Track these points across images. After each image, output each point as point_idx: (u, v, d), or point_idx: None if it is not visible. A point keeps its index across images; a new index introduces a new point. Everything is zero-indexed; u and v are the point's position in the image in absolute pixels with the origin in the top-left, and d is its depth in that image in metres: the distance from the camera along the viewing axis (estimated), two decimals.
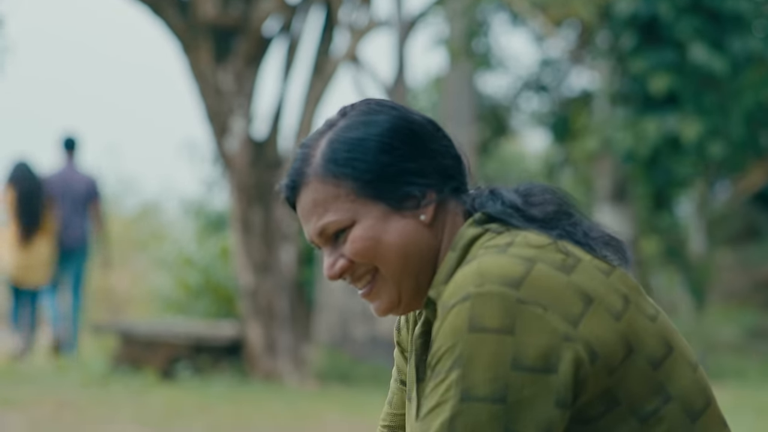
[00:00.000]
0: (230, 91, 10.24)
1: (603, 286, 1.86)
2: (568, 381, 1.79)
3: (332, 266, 1.99)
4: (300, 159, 2.00)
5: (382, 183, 1.95)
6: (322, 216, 1.97)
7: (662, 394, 1.86)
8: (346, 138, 1.96)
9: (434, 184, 1.97)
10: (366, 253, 1.95)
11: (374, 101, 2.03)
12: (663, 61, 11.74)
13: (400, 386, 2.17)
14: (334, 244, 1.99)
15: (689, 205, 14.97)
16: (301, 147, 2.01)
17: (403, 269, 1.96)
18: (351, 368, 11.12)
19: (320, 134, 2.00)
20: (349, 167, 1.94)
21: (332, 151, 1.96)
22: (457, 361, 1.79)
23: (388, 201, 1.95)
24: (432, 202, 1.97)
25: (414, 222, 1.96)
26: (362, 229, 1.95)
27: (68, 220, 11.21)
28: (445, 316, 1.83)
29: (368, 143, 1.95)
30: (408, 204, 1.96)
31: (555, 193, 2.01)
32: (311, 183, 1.97)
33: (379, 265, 1.96)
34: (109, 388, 9.69)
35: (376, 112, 1.99)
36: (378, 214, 1.95)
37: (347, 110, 2.01)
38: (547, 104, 15.23)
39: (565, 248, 1.89)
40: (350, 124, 1.98)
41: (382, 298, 1.99)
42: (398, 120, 1.98)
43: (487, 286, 1.80)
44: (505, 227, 1.94)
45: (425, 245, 1.97)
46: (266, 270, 10.34)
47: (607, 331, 1.83)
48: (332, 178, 1.95)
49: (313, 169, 1.97)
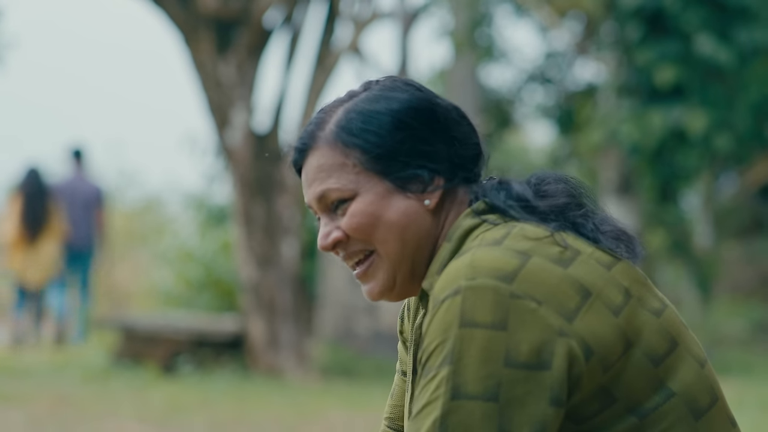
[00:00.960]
0: (232, 83, 10.18)
1: (602, 280, 1.81)
2: (562, 378, 1.74)
3: (326, 236, 1.96)
4: (314, 123, 1.97)
5: (391, 160, 1.91)
6: (324, 181, 1.93)
7: (663, 390, 1.81)
8: (364, 109, 1.93)
9: (445, 170, 1.93)
10: (363, 229, 1.91)
11: (401, 79, 2.00)
12: (669, 53, 11.67)
13: (402, 377, 2.13)
14: (331, 215, 1.96)
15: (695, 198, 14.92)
16: (319, 112, 1.99)
17: (400, 251, 1.92)
18: (354, 363, 11.07)
19: (340, 102, 1.98)
20: (360, 138, 1.91)
21: (347, 120, 1.93)
22: (447, 358, 1.74)
23: (393, 179, 1.92)
24: (439, 189, 1.93)
25: (417, 205, 1.92)
26: (363, 204, 1.91)
27: (75, 224, 12.15)
28: (436, 311, 1.78)
29: (384, 117, 1.92)
30: (414, 186, 1.92)
31: (568, 183, 1.96)
32: (320, 148, 1.94)
33: (375, 243, 1.92)
34: (110, 384, 9.64)
35: (400, 90, 1.95)
36: (381, 190, 1.92)
37: (371, 84, 1.99)
38: (552, 97, 15.16)
39: (563, 240, 1.84)
40: (371, 97, 1.95)
41: (376, 280, 1.95)
42: (421, 100, 1.94)
43: (479, 280, 1.76)
44: (502, 219, 1.89)
45: (425, 231, 1.93)
46: (268, 264, 10.29)
47: (605, 327, 1.78)
48: (342, 147, 1.92)
49: (324, 134, 1.94)
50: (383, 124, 1.92)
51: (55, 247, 11.92)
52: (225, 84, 10.19)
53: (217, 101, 10.20)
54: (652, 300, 1.87)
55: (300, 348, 10.29)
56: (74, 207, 12.15)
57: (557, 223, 1.88)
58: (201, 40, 10.18)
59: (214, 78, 10.18)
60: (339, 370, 10.65)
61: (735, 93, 11.93)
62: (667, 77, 11.55)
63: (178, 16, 10.17)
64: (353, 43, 10.95)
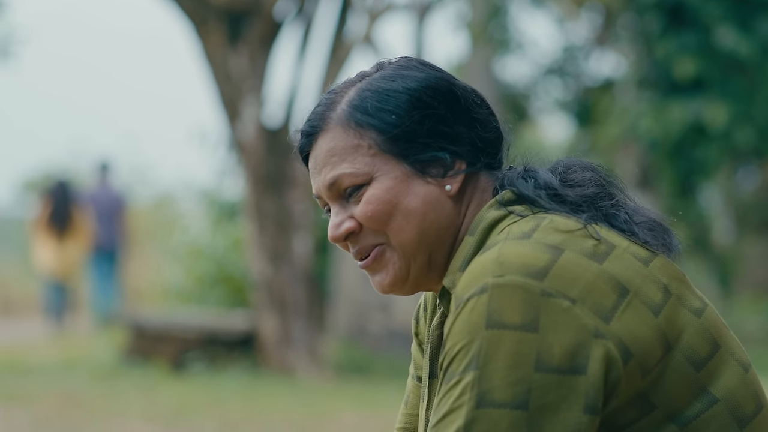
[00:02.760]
0: (243, 75, 10.13)
1: (640, 276, 1.70)
2: (598, 383, 1.63)
3: (338, 227, 1.83)
4: (324, 104, 1.84)
5: (409, 141, 1.79)
6: (336, 166, 1.81)
7: (705, 397, 1.70)
8: (379, 87, 1.82)
9: (466, 154, 1.82)
10: (380, 218, 1.79)
11: (416, 59, 1.88)
12: (689, 45, 11.57)
13: (417, 384, 2.02)
14: (343, 204, 1.83)
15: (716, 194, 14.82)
16: (328, 93, 1.86)
17: (418, 241, 1.80)
18: (368, 361, 10.99)
19: (351, 83, 1.86)
20: (376, 118, 1.79)
21: (361, 99, 1.81)
22: (472, 362, 1.63)
23: (412, 162, 1.79)
24: (461, 173, 1.82)
25: (438, 191, 1.80)
26: (380, 189, 1.79)
27: (102, 228, 14.08)
28: (460, 311, 1.67)
29: (402, 96, 1.80)
30: (434, 170, 1.80)
31: (597, 170, 1.86)
32: (331, 130, 1.82)
33: (391, 233, 1.80)
34: (118, 382, 9.58)
35: (416, 69, 1.84)
36: (399, 174, 1.79)
37: (384, 64, 1.88)
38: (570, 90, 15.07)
39: (597, 233, 1.73)
40: (386, 76, 1.83)
41: (387, 271, 1.83)
42: (439, 80, 1.83)
43: (507, 277, 1.65)
44: (530, 209, 1.78)
45: (446, 219, 1.81)
46: (281, 260, 10.22)
47: (644, 327, 1.67)
48: (355, 127, 1.80)
49: (336, 114, 1.82)
50: (400, 102, 1.79)
51: (80, 248, 13.78)
52: (236, 76, 10.14)
53: (228, 94, 10.18)
54: (692, 298, 1.76)
55: (312, 346, 10.21)
56: (101, 214, 14.03)
57: (589, 214, 1.77)
58: (212, 32, 10.13)
59: (225, 70, 10.15)
60: (352, 369, 10.58)
61: (756, 86, 11.83)
62: (687, 70, 11.46)
63: (190, 7, 10.11)
64: (367, 35, 10.89)
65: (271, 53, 10.28)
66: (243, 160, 10.30)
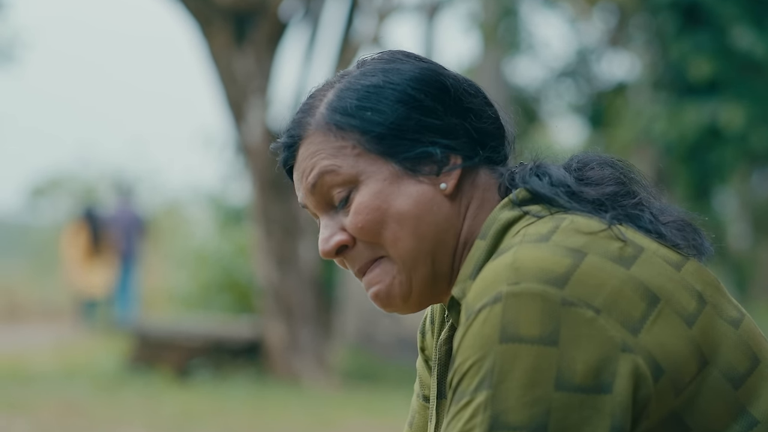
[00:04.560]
0: (249, 76, 10.10)
1: (671, 283, 1.56)
2: (625, 402, 1.49)
3: (327, 240, 1.70)
4: (303, 110, 1.72)
5: (395, 138, 1.66)
6: (317, 164, 1.68)
7: (744, 418, 1.57)
8: (359, 85, 1.69)
9: (461, 148, 1.68)
10: (372, 227, 1.66)
11: (400, 51, 1.76)
12: (704, 46, 11.49)
13: (422, 403, 1.89)
14: (332, 215, 1.70)
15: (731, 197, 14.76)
16: (307, 97, 1.74)
17: (415, 249, 1.66)
18: (376, 369, 10.95)
19: (330, 84, 1.73)
20: (357, 118, 1.66)
21: (339, 99, 1.68)
22: (485, 380, 1.50)
23: (400, 160, 1.66)
24: (456, 168, 1.67)
25: (432, 190, 1.67)
26: (367, 196, 1.66)
27: (123, 244, 15.94)
28: (471, 322, 1.53)
29: (384, 91, 1.67)
30: (425, 167, 1.66)
31: (616, 166, 1.70)
32: (311, 136, 1.68)
33: (386, 243, 1.66)
34: (121, 390, 9.53)
35: (399, 61, 1.72)
36: (387, 175, 1.66)
37: (365, 60, 1.75)
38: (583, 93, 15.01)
39: (622, 234, 1.59)
40: (366, 72, 1.71)
41: (387, 287, 1.69)
42: (425, 71, 1.70)
43: (524, 284, 1.51)
44: (548, 209, 1.64)
45: (444, 221, 1.67)
46: (287, 266, 10.21)
47: (676, 340, 1.53)
48: (336, 130, 1.67)
49: (315, 120, 1.69)
50: (383, 98, 1.67)
51: (108, 267, 15.74)
52: (242, 77, 10.16)
53: (234, 95, 10.24)
54: (729, 307, 1.62)
55: (319, 353, 10.17)
56: (122, 231, 15.89)
57: (613, 214, 1.62)
58: (217, 32, 10.13)
59: (230, 71, 10.19)
60: (360, 377, 10.53)
61: None
62: (702, 71, 11.41)
63: (195, 7, 10.11)
64: (375, 36, 10.85)
65: (277, 54, 10.28)
66: (249, 163, 10.30)
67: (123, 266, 15.99)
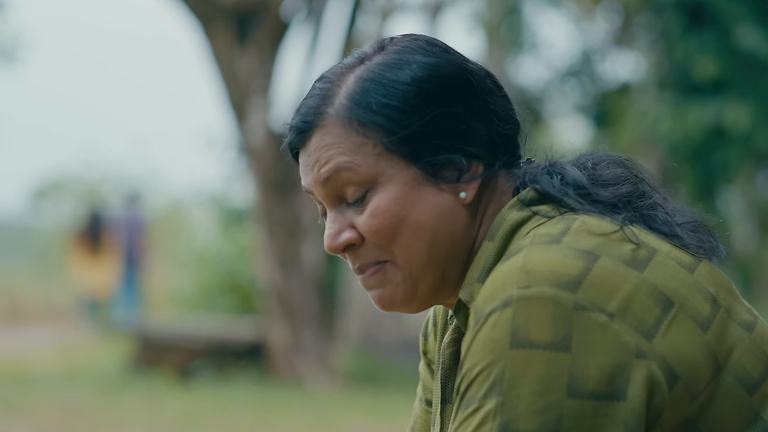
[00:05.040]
0: (251, 76, 10.08)
1: (685, 286, 1.52)
2: (639, 409, 1.45)
3: (335, 237, 1.63)
4: (319, 96, 1.62)
5: (420, 142, 1.58)
6: (333, 158, 1.60)
7: (759, 424, 1.54)
8: (383, 78, 1.60)
9: (484, 155, 1.62)
10: (387, 233, 1.60)
11: (423, 38, 1.67)
12: (709, 46, 11.44)
13: (425, 408, 1.85)
14: (341, 209, 1.63)
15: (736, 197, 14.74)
16: (321, 81, 1.64)
17: (426, 259, 1.61)
18: (379, 371, 10.92)
19: (348, 68, 1.63)
20: (382, 116, 1.58)
21: (363, 92, 1.59)
22: (494, 387, 1.45)
23: (423, 166, 1.59)
24: (477, 178, 1.62)
25: (452, 199, 1.61)
26: (386, 200, 1.59)
27: (128, 247, 16.31)
28: (480, 327, 1.49)
29: (410, 89, 1.59)
30: (447, 174, 1.60)
31: (627, 166, 1.66)
32: (328, 126, 1.60)
33: (397, 250, 1.60)
34: (122, 393, 9.51)
35: (424, 52, 1.63)
36: (408, 180, 1.59)
37: (386, 44, 1.65)
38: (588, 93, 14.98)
39: (635, 236, 1.54)
40: (390, 62, 1.61)
41: (388, 289, 1.63)
42: (453, 66, 1.62)
43: (534, 288, 1.47)
44: (557, 210, 1.59)
45: (461, 231, 1.62)
46: (290, 267, 10.16)
47: (691, 345, 1.50)
48: (358, 126, 1.59)
49: (335, 110, 1.60)
50: (409, 97, 1.58)
51: (111, 268, 16.05)
52: (244, 76, 10.13)
53: (236, 95, 10.20)
54: (742, 310, 1.57)
55: (322, 355, 10.13)
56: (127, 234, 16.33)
57: (625, 215, 1.58)
58: (220, 32, 10.10)
59: (233, 70, 10.15)
60: (363, 379, 10.50)
61: None
62: (707, 71, 11.35)
63: (197, 6, 10.07)
64: (378, 35, 10.81)
65: (279, 54, 10.24)
66: (252, 164, 10.26)
67: (127, 268, 16.33)
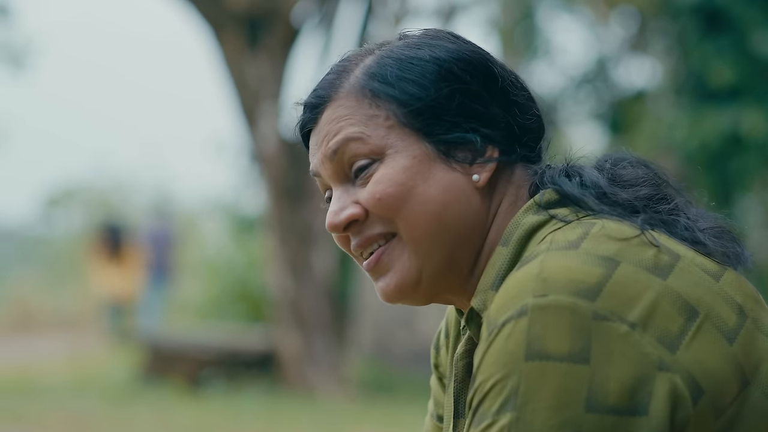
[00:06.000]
0: (263, 81, 10.08)
1: (710, 294, 1.45)
2: (662, 426, 1.38)
3: (338, 213, 1.56)
4: (335, 72, 1.59)
5: (434, 117, 1.54)
6: (342, 129, 1.55)
7: None
8: (402, 54, 1.57)
9: (501, 140, 1.57)
10: (391, 201, 1.53)
11: (447, 31, 1.64)
12: (726, 52, 11.35)
13: (436, 423, 1.79)
14: (347, 187, 1.57)
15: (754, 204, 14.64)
16: (340, 60, 1.61)
17: (433, 236, 1.54)
18: (392, 381, 10.86)
19: (369, 51, 1.61)
20: (396, 88, 1.54)
21: (379, 66, 1.56)
22: (509, 401, 1.38)
23: (436, 142, 1.54)
24: (492, 161, 1.56)
25: (464, 180, 1.55)
26: (393, 169, 1.53)
27: (157, 258, 16.30)
28: (493, 338, 1.42)
29: (428, 65, 1.56)
30: (460, 154, 1.55)
31: (650, 168, 1.61)
32: (342, 98, 1.56)
33: (403, 222, 1.54)
34: (131, 403, 9.47)
35: (446, 39, 1.61)
36: (418, 153, 1.54)
37: (408, 34, 1.63)
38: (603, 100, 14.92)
39: (656, 241, 1.47)
40: (410, 43, 1.59)
41: (393, 271, 1.55)
42: (473, 53, 1.59)
43: (551, 296, 1.40)
44: (575, 213, 1.53)
45: (472, 216, 1.55)
46: (302, 275, 10.14)
47: (717, 357, 1.43)
48: (371, 97, 1.55)
49: (349, 83, 1.56)
50: (427, 72, 1.55)
51: (134, 277, 16.14)
52: (255, 82, 10.14)
53: (248, 101, 10.21)
54: None
55: (334, 364, 10.08)
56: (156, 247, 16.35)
57: (645, 217, 1.51)
58: (231, 37, 10.08)
59: (244, 76, 10.15)
60: (375, 388, 10.45)
61: None
62: (724, 78, 11.24)
63: (208, 12, 10.06)
64: None
65: (290, 59, 10.23)
66: (264, 171, 10.23)
67: (155, 279, 16.40)
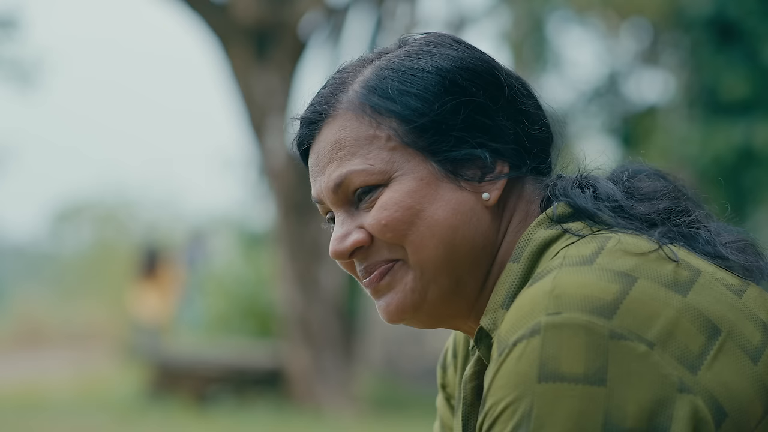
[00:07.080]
0: (271, 94, 10.05)
1: (733, 311, 1.40)
2: None
3: (343, 239, 1.50)
4: (332, 85, 1.52)
5: (439, 134, 1.47)
6: (344, 162, 1.48)
7: None
8: (403, 66, 1.50)
9: (510, 154, 1.50)
10: (397, 226, 1.47)
11: (449, 35, 1.57)
12: (739, 65, 11.29)
13: None
14: (351, 211, 1.51)
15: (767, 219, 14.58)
16: (338, 72, 1.54)
17: (442, 261, 1.47)
18: (401, 398, 10.81)
19: (367, 61, 1.54)
20: (398, 103, 1.47)
21: (379, 79, 1.49)
22: (521, 425, 1.33)
23: (442, 161, 1.47)
24: (502, 178, 1.50)
25: (473, 199, 1.49)
26: (399, 192, 1.47)
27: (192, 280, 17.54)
28: (504, 358, 1.36)
29: (431, 77, 1.48)
30: (469, 172, 1.48)
31: (667, 180, 1.55)
32: (340, 117, 1.49)
33: (410, 247, 1.47)
34: (140, 419, 9.41)
35: (449, 46, 1.52)
36: (425, 175, 1.47)
37: (408, 40, 1.56)
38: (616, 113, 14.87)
39: (675, 255, 1.42)
40: (411, 52, 1.51)
41: (396, 292, 1.48)
42: (478, 61, 1.51)
43: (566, 315, 1.35)
44: (590, 227, 1.47)
45: (481, 237, 1.49)
46: (311, 291, 10.09)
47: (740, 378, 1.38)
48: (371, 114, 1.48)
49: (347, 97, 1.50)
50: (429, 85, 1.48)
51: (169, 299, 16.44)
52: (263, 95, 10.12)
53: (256, 115, 10.17)
54: None
55: (343, 381, 10.02)
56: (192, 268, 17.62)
57: (663, 230, 1.45)
58: (239, 51, 10.05)
59: (251, 89, 10.11)
60: (384, 405, 10.38)
61: None
62: (736, 91, 11.19)
63: (217, 25, 10.04)
64: None
65: (298, 73, 10.21)
66: (272, 186, 10.22)
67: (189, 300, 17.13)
